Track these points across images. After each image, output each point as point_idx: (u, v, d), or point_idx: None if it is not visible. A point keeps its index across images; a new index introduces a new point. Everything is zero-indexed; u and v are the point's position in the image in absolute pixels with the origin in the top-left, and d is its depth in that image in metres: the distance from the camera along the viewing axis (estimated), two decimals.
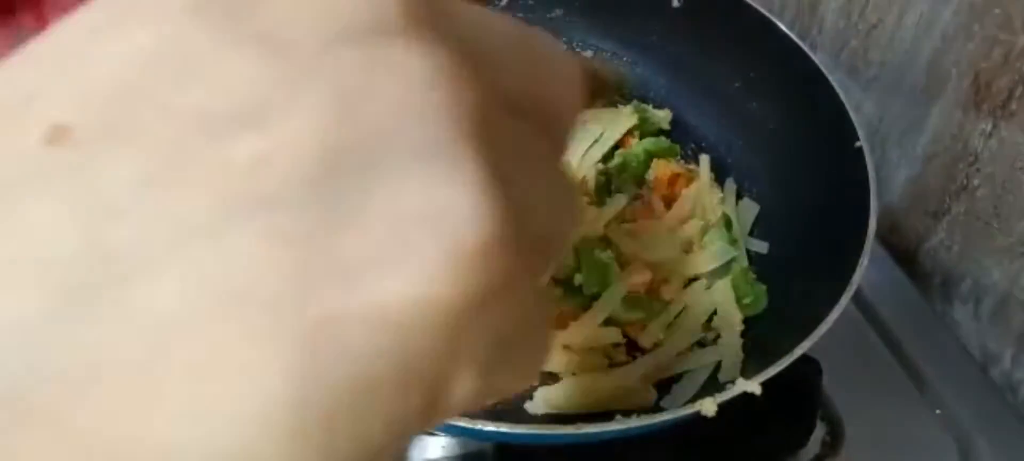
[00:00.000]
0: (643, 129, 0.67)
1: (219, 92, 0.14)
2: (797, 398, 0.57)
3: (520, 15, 0.72)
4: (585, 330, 0.54)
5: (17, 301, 0.12)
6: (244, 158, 0.13)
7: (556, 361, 0.53)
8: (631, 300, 0.57)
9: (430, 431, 0.51)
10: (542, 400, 0.52)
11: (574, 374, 0.53)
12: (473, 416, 0.45)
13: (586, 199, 0.63)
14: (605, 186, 0.63)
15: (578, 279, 0.56)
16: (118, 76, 0.14)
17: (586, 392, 0.52)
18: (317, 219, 0.13)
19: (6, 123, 0.14)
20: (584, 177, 0.64)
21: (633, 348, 0.57)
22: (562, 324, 0.55)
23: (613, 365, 0.55)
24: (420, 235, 0.13)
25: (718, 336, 0.56)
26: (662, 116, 0.69)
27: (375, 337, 0.13)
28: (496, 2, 0.72)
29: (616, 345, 0.55)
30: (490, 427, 0.43)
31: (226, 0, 0.15)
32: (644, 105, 0.69)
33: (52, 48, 0.15)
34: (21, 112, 0.14)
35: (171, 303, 0.12)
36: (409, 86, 0.14)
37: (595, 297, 0.56)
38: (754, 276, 0.59)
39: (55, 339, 0.12)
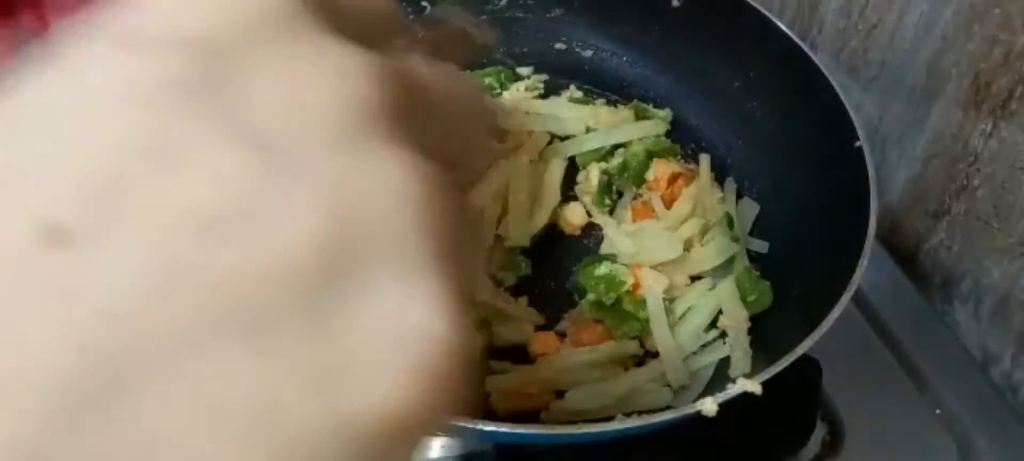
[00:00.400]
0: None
1: (211, 192, 0.14)
2: (797, 398, 0.57)
3: (519, 15, 0.72)
4: (610, 347, 0.55)
5: (19, 420, 0.12)
6: (234, 267, 0.14)
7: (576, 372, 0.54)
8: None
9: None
10: (558, 409, 0.52)
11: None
12: (473, 416, 0.45)
13: (589, 198, 0.63)
14: (607, 186, 0.63)
15: (609, 298, 0.56)
16: (111, 166, 0.14)
17: (602, 396, 0.53)
18: (300, 334, 0.14)
19: None
20: (587, 177, 0.64)
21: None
22: (593, 339, 0.55)
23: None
24: (392, 353, 0.14)
25: (724, 334, 0.56)
26: (663, 116, 0.69)
27: (345, 448, 0.14)
28: (495, 2, 0.72)
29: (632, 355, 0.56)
30: (490, 427, 0.43)
31: (217, 87, 0.15)
32: (644, 105, 0.69)
33: (37, 120, 0.14)
34: (12, 202, 0.13)
35: (161, 419, 0.13)
36: (390, 203, 0.15)
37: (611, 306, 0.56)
38: (757, 274, 0.59)
39: (56, 456, 0.12)
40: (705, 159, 0.66)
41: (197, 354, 0.13)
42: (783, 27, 0.63)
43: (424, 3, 0.71)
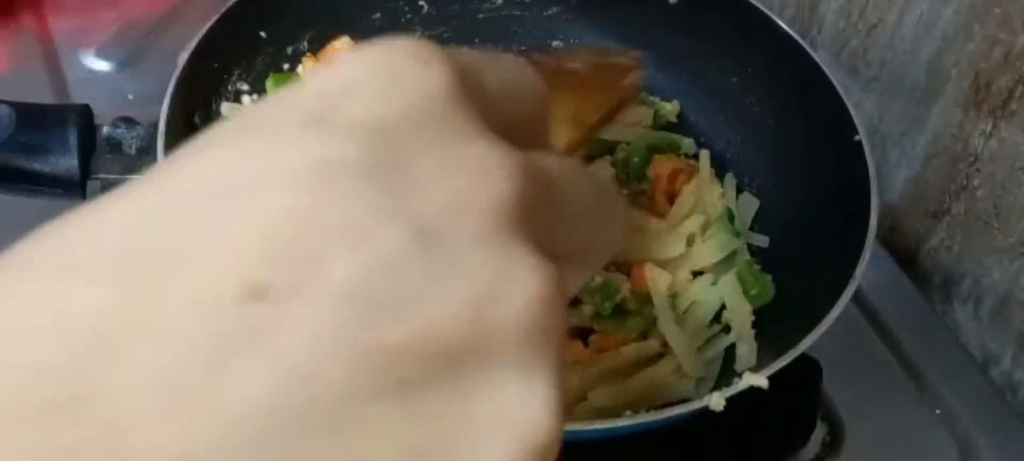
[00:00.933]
0: (654, 123, 0.68)
1: (377, 267, 0.16)
2: (797, 398, 0.57)
3: (516, 13, 0.72)
4: (634, 350, 0.55)
5: (219, 436, 0.14)
6: (392, 342, 0.15)
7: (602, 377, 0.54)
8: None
9: None
10: (582, 410, 0.52)
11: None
12: None
13: None
14: (615, 180, 0.63)
15: (630, 304, 0.56)
16: (296, 233, 0.16)
17: (624, 393, 0.53)
18: (437, 405, 0.16)
19: (202, 267, 0.15)
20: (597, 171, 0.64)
21: None
22: (609, 346, 0.55)
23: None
24: (505, 442, 0.16)
25: (728, 328, 0.56)
26: (670, 109, 0.69)
27: None
28: (492, 0, 0.72)
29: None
30: None
31: (388, 172, 0.17)
32: (652, 97, 0.69)
33: (223, 183, 0.16)
34: (215, 256, 0.15)
35: (321, 456, 0.15)
36: (524, 302, 0.17)
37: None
38: (759, 268, 0.59)
39: None
40: (705, 155, 0.66)
41: (354, 408, 0.15)
42: (781, 23, 0.63)
43: (421, 2, 0.71)
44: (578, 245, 0.21)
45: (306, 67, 0.66)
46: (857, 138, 0.56)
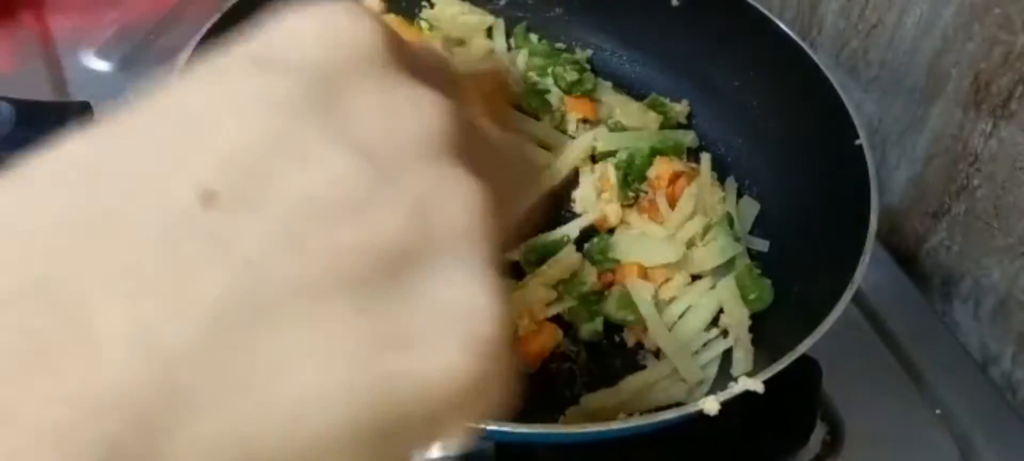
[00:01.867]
0: (663, 123, 0.68)
1: (325, 182, 0.18)
2: (797, 398, 0.57)
3: (519, 14, 0.72)
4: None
5: (187, 327, 0.16)
6: (343, 241, 0.17)
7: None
8: (621, 300, 0.57)
9: None
10: (575, 412, 0.53)
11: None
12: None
13: (607, 195, 0.63)
14: (624, 181, 0.63)
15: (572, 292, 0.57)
16: (247, 152, 0.18)
17: (616, 394, 0.53)
18: (389, 300, 0.18)
19: (162, 181, 0.17)
20: (605, 172, 0.64)
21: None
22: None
23: (635, 369, 0.55)
24: (454, 327, 0.18)
25: (725, 333, 0.56)
26: (680, 110, 0.69)
27: (414, 391, 0.18)
28: (495, 2, 0.72)
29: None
30: (491, 426, 0.43)
31: (329, 103, 0.19)
32: (661, 98, 0.69)
33: (191, 111, 0.18)
34: (174, 172, 0.17)
35: (286, 346, 0.17)
36: (462, 207, 0.19)
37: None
38: (758, 272, 0.59)
39: (210, 360, 0.16)
40: (706, 158, 0.66)
41: (313, 302, 0.17)
42: (782, 26, 0.63)
43: (424, 2, 0.71)
44: (500, 190, 0.22)
45: None
46: (858, 142, 0.56)
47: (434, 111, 0.20)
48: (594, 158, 0.65)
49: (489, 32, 0.71)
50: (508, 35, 0.72)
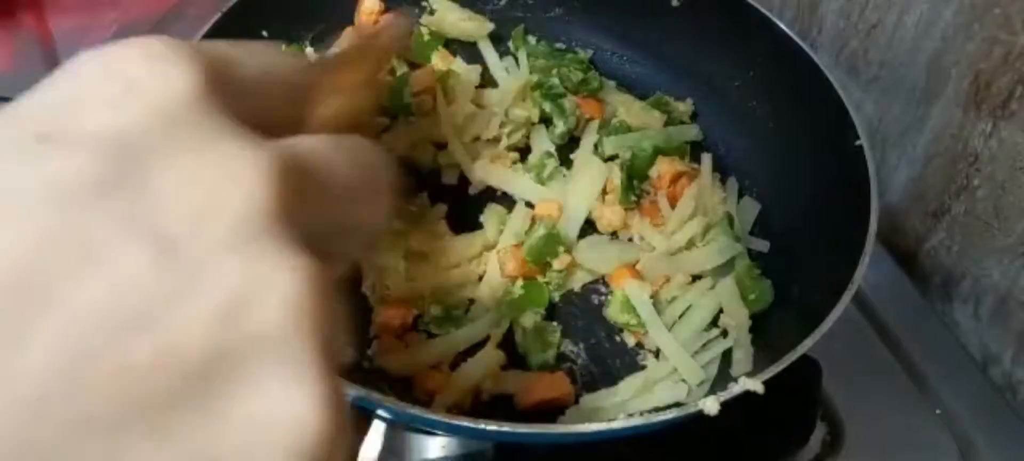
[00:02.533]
0: (667, 122, 0.68)
1: (113, 287, 0.15)
2: (797, 398, 0.57)
3: (519, 14, 0.72)
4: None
5: None
6: (134, 360, 0.15)
7: None
8: (622, 305, 0.57)
9: (430, 431, 0.51)
10: (575, 412, 0.53)
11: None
12: (474, 416, 0.45)
13: (611, 196, 0.63)
14: (628, 183, 0.63)
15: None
16: (24, 267, 0.15)
17: (616, 394, 0.53)
18: (194, 423, 0.15)
19: None
20: (609, 178, 0.63)
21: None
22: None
23: (635, 369, 0.55)
24: (271, 444, 0.16)
25: (725, 333, 0.56)
26: (684, 109, 0.69)
27: None
28: (495, 2, 0.72)
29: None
30: (490, 427, 0.43)
31: (125, 187, 0.16)
32: (666, 97, 0.69)
33: None
34: None
35: None
36: (278, 302, 0.16)
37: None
38: (758, 272, 0.59)
39: None
40: (707, 158, 0.66)
41: (104, 438, 0.15)
42: (782, 26, 0.63)
43: (424, 2, 0.71)
44: (346, 218, 0.21)
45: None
46: (858, 143, 0.56)
47: (254, 177, 0.17)
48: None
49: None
50: (507, 38, 0.72)
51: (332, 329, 0.18)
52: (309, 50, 0.67)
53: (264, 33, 0.65)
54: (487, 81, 0.69)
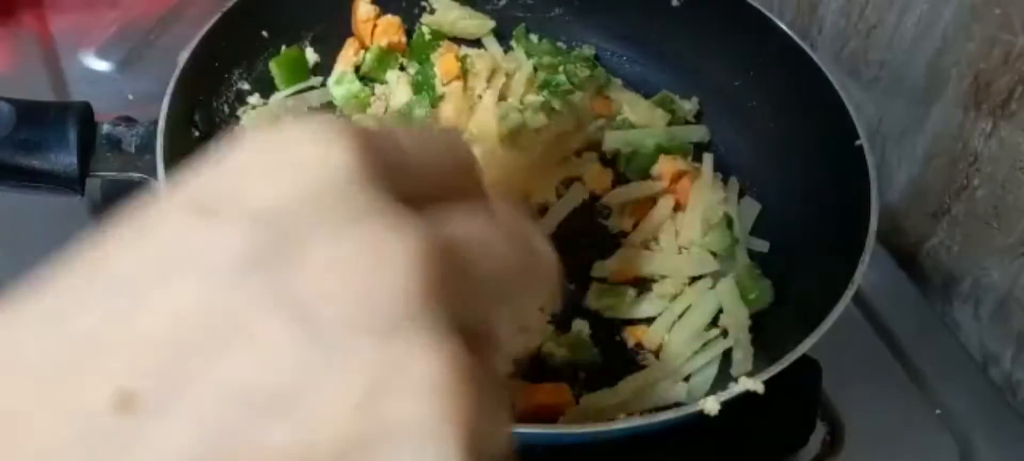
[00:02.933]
0: (672, 120, 0.68)
1: (257, 367, 0.15)
2: (797, 398, 0.57)
3: (519, 14, 0.72)
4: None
5: None
6: (272, 446, 0.15)
7: None
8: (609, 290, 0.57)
9: None
10: (575, 413, 0.53)
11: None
12: None
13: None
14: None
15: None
16: (172, 337, 0.15)
17: (616, 394, 0.53)
18: None
19: (76, 381, 0.15)
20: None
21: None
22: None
23: (637, 368, 0.55)
24: None
25: (725, 332, 0.56)
26: (689, 108, 0.69)
27: None
28: (495, 2, 0.72)
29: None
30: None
31: (276, 263, 0.16)
32: (671, 95, 0.69)
33: (116, 282, 0.16)
34: (91, 371, 0.15)
35: None
36: (421, 391, 0.16)
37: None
38: (758, 272, 0.59)
39: None
40: (708, 158, 0.66)
41: None
42: (782, 26, 0.63)
43: (424, 3, 0.71)
44: (502, 301, 0.20)
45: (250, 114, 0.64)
46: (858, 143, 0.56)
47: (405, 260, 0.17)
48: (603, 158, 0.65)
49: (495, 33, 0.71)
50: (509, 37, 0.72)
51: (480, 418, 0.17)
52: (309, 50, 0.67)
53: (264, 33, 0.65)
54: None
